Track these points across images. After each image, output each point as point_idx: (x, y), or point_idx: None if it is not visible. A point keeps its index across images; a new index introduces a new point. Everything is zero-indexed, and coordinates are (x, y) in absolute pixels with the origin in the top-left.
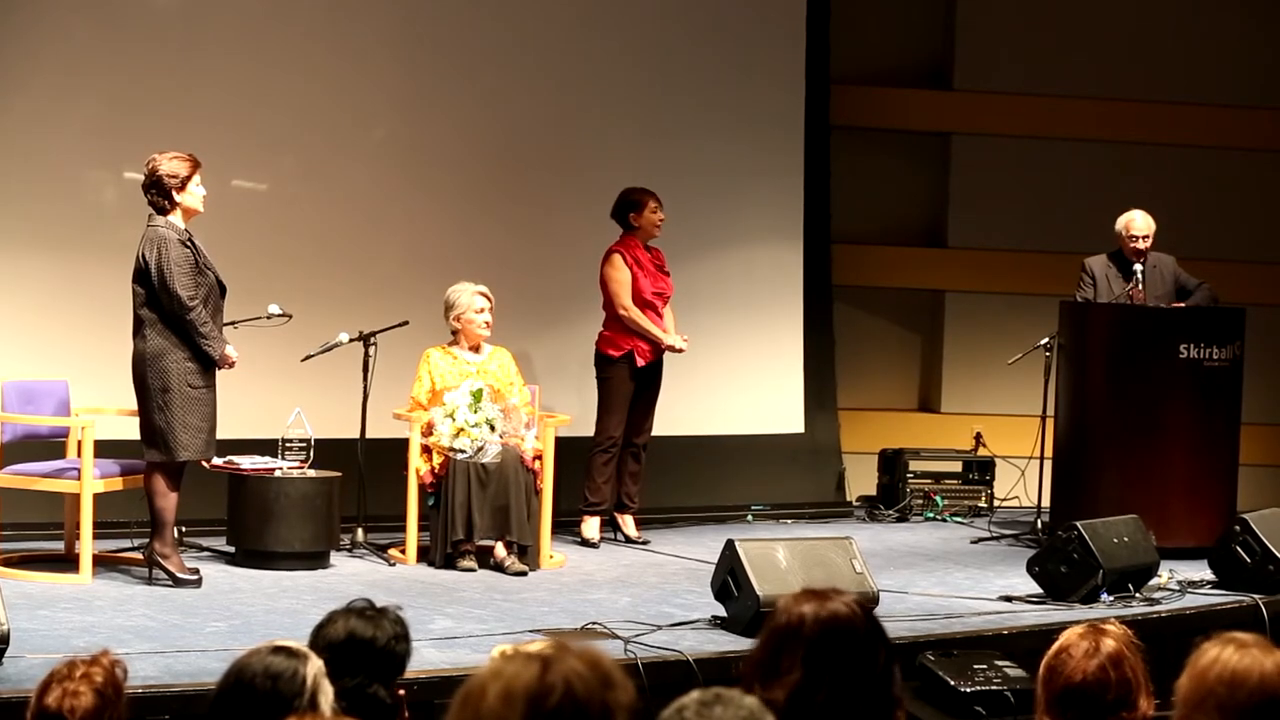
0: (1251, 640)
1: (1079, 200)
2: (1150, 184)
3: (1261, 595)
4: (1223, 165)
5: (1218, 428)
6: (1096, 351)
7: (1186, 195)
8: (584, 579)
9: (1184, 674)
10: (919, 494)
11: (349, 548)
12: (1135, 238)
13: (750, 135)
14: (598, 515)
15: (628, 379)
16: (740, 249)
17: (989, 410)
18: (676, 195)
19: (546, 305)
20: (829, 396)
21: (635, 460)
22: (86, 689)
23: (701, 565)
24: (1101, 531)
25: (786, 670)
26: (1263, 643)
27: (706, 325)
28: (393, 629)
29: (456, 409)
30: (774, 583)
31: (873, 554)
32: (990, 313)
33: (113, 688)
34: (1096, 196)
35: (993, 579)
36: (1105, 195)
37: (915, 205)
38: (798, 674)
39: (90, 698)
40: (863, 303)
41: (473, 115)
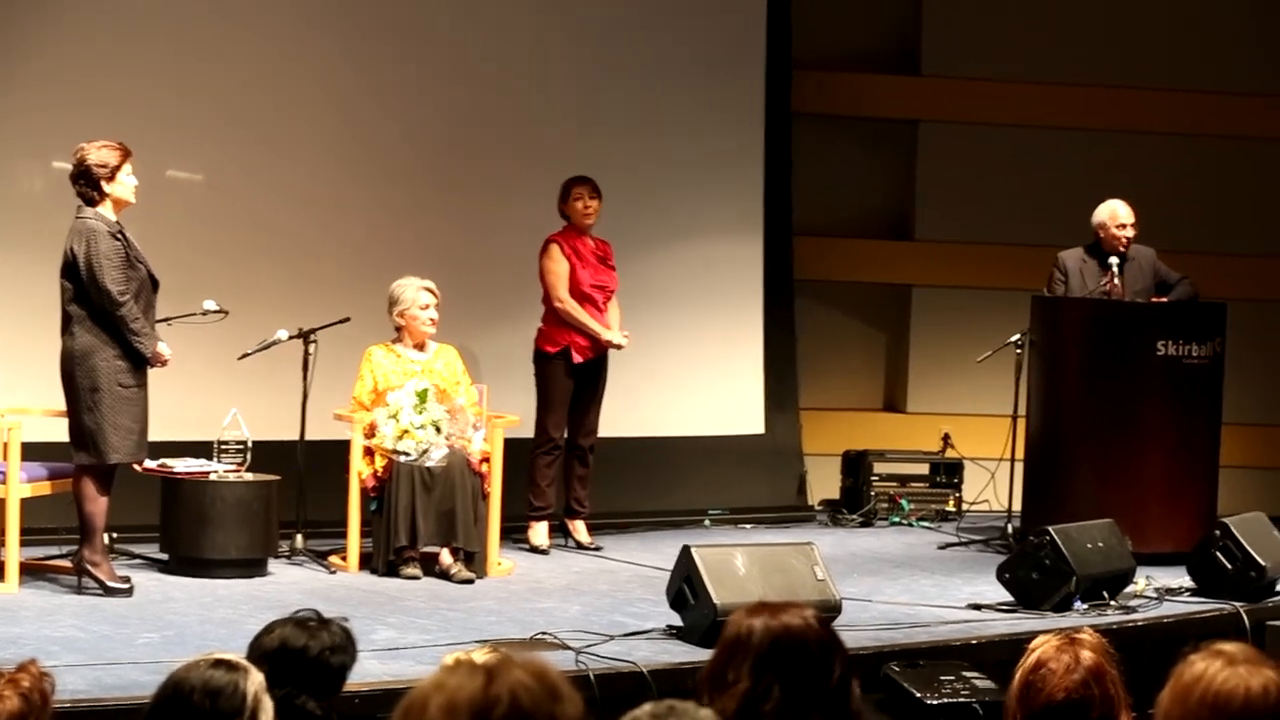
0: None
1: (1052, 191)
2: (1128, 173)
3: (1243, 603)
4: (1205, 154)
5: (1197, 428)
6: (1070, 348)
7: (1166, 185)
8: (533, 587)
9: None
10: (884, 497)
11: (288, 555)
12: (1123, 226)
13: (708, 123)
14: (545, 520)
15: (565, 376)
16: (698, 242)
17: (957, 410)
18: (630, 186)
19: (494, 301)
20: (790, 396)
21: (582, 463)
22: (12, 693)
23: (656, 572)
24: (1075, 536)
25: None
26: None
27: (662, 321)
28: (329, 640)
29: (400, 410)
30: (732, 590)
31: (835, 560)
32: (959, 308)
33: (40, 695)
34: (1071, 187)
35: (961, 586)
36: (1080, 185)
37: (881, 196)
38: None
39: (16, 702)
40: (826, 298)
41: (416, 105)
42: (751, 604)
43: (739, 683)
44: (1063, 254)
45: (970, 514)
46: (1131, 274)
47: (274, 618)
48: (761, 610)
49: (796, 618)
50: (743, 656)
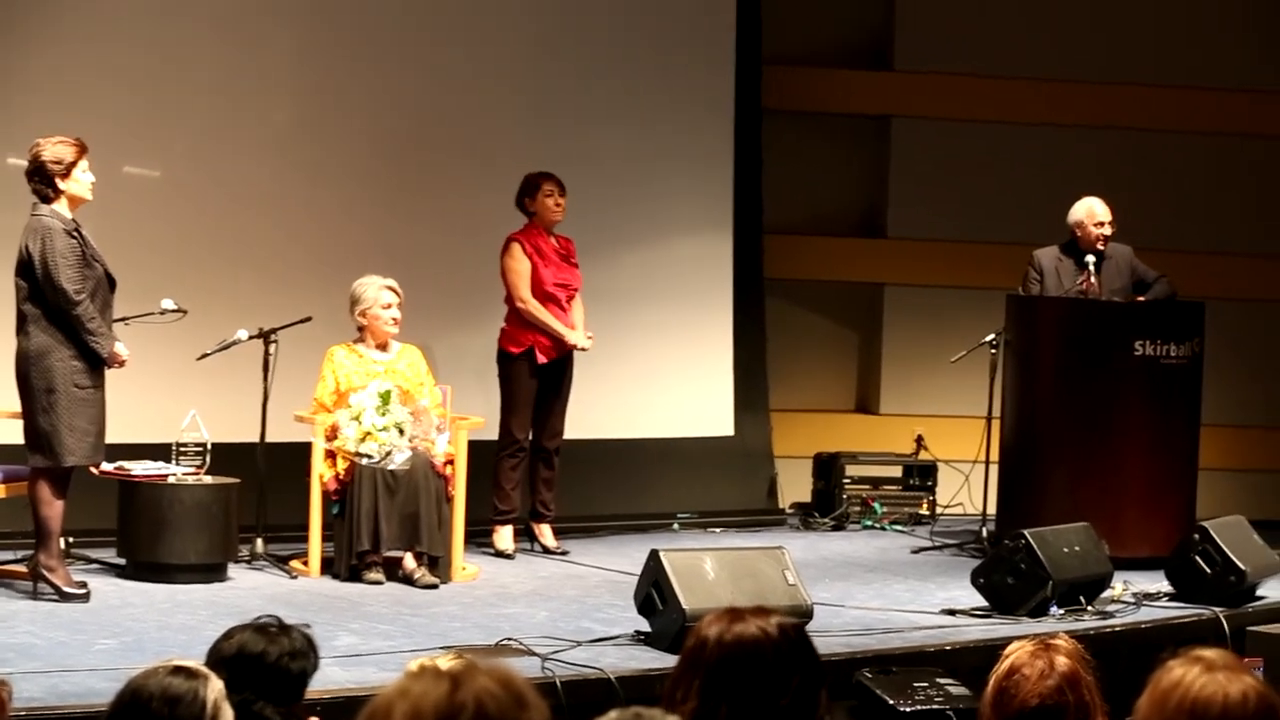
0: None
1: (1027, 188)
2: (1105, 170)
3: (1222, 608)
4: (1184, 150)
5: (1175, 429)
6: (1046, 348)
7: (1144, 182)
8: (499, 592)
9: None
10: (856, 500)
11: (248, 559)
12: (1100, 224)
13: (676, 119)
14: (510, 524)
15: (529, 377)
16: (666, 240)
17: (931, 411)
18: (597, 184)
19: (458, 300)
20: (760, 397)
21: (547, 466)
22: None
23: (624, 577)
24: (1051, 540)
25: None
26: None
27: (630, 321)
28: (290, 645)
29: (363, 411)
30: (701, 595)
31: (806, 565)
32: (932, 307)
33: None
34: (1046, 184)
35: (935, 591)
36: (1056, 182)
37: (853, 193)
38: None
39: None
40: (797, 297)
41: (377, 102)
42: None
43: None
44: (1038, 252)
45: (944, 517)
46: (1108, 272)
47: (234, 624)
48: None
49: (754, 627)
50: (694, 673)
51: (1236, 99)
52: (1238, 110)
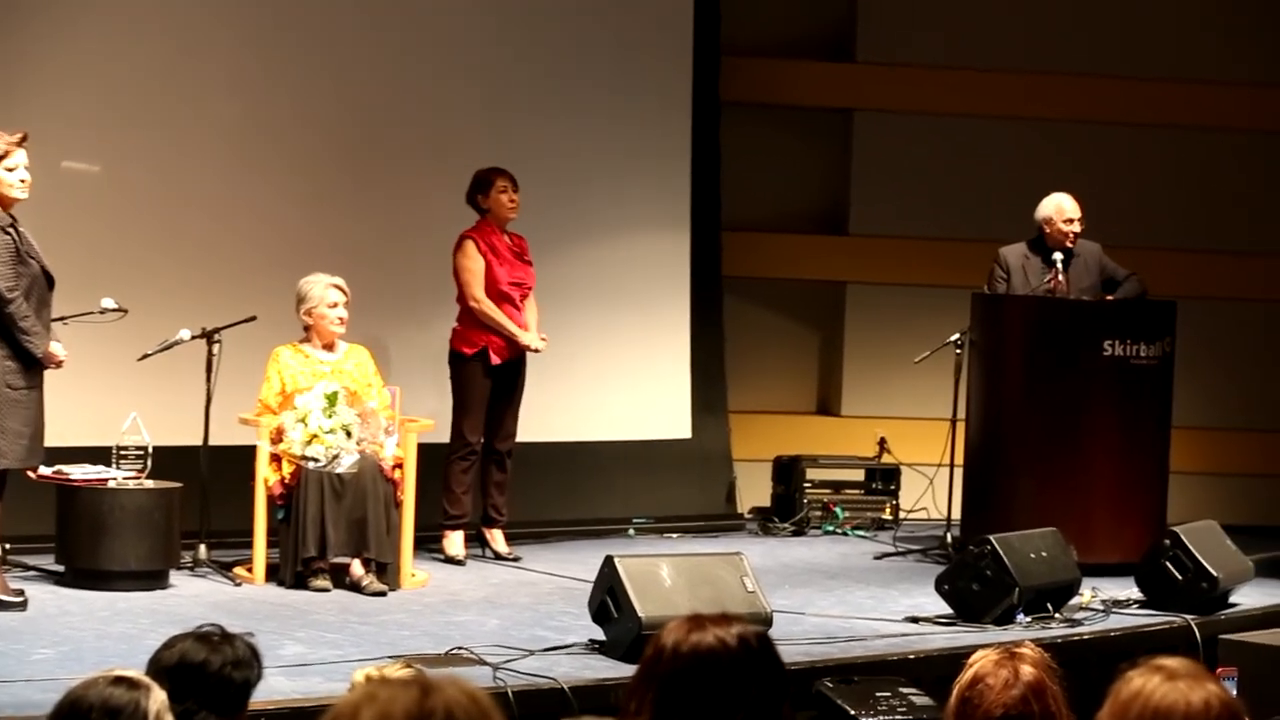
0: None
1: (994, 183)
2: (1074, 165)
3: (1194, 615)
4: (1155, 145)
5: (1145, 432)
6: (1012, 348)
7: (1114, 177)
8: (449, 599)
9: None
10: (817, 505)
11: (190, 566)
12: (1069, 220)
13: (632, 112)
14: (461, 529)
15: (483, 378)
16: (621, 237)
17: (894, 413)
18: (550, 179)
19: (407, 299)
20: (719, 399)
21: (500, 469)
22: None
23: (578, 584)
24: (1017, 546)
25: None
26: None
27: (584, 320)
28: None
29: (309, 413)
30: (657, 603)
31: (766, 571)
32: (896, 306)
33: None
34: (1013, 179)
35: (898, 598)
36: (1023, 178)
37: (814, 189)
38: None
39: None
40: (756, 295)
41: (324, 95)
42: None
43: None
44: (1004, 250)
45: (908, 522)
46: (1077, 270)
47: (176, 632)
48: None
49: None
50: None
51: (1209, 92)
52: (1211, 104)
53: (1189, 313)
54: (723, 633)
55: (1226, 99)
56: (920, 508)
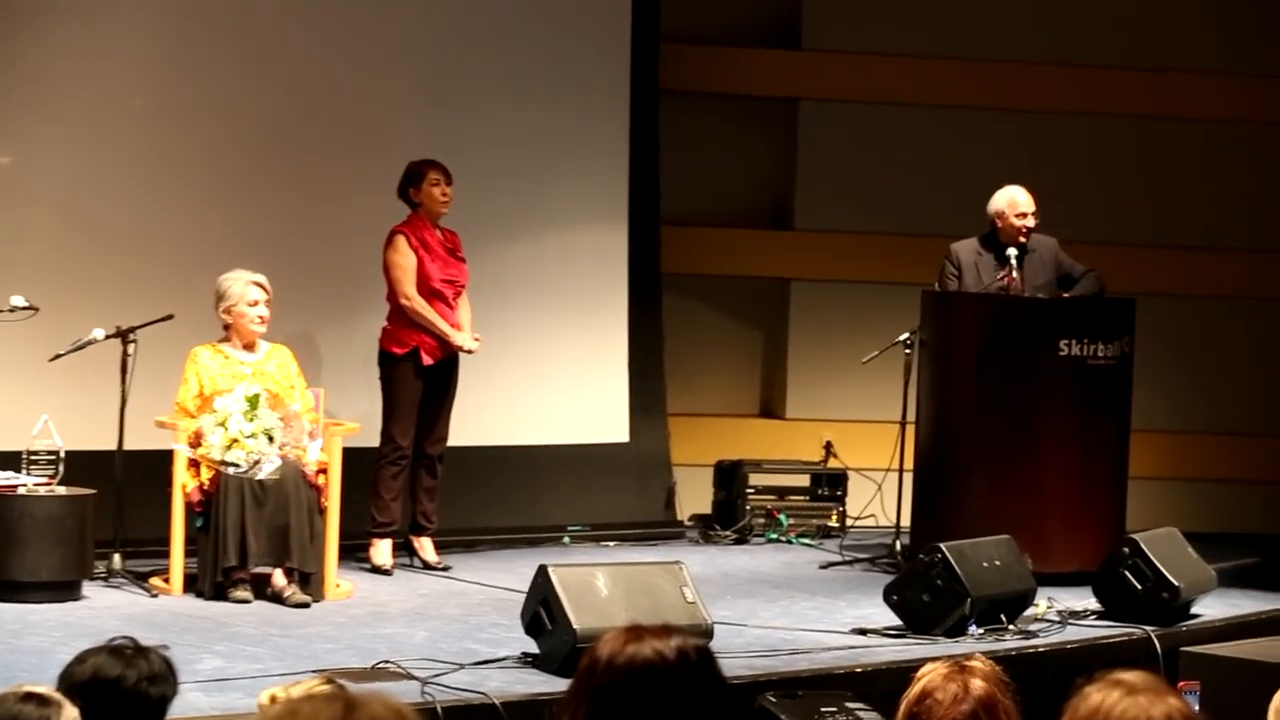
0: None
1: (946, 176)
2: (1028, 157)
3: (1154, 627)
4: (1113, 135)
5: (1103, 435)
6: (964, 348)
7: (1070, 169)
8: (375, 611)
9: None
10: (760, 512)
11: (104, 576)
12: (1023, 214)
13: (567, 102)
14: (389, 537)
15: (414, 379)
16: (556, 232)
17: (841, 416)
18: (481, 172)
19: (333, 297)
20: (657, 400)
21: (430, 474)
22: None
23: (510, 595)
24: (969, 554)
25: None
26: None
27: (517, 319)
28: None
29: (229, 417)
30: (593, 614)
31: (706, 581)
32: (843, 304)
33: None
34: (966, 171)
35: (845, 609)
36: (976, 170)
37: (757, 181)
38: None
39: None
40: (697, 293)
41: (245, 85)
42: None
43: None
44: (956, 245)
45: (855, 530)
46: (1031, 267)
47: (88, 646)
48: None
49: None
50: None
51: (1171, 81)
52: (1173, 93)
53: (1149, 310)
54: (661, 645)
55: (1189, 88)
56: (868, 514)
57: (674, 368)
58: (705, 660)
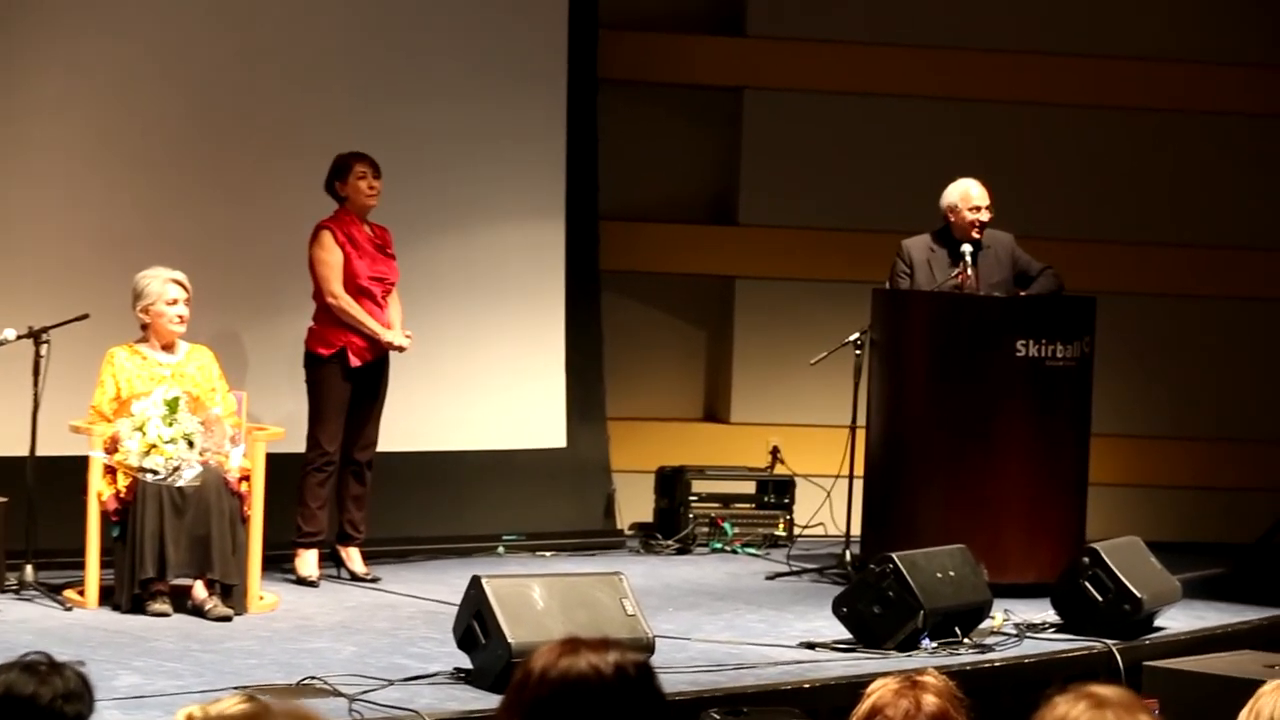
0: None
1: (897, 169)
2: (984, 149)
3: (1115, 640)
4: (1073, 126)
5: (1062, 440)
6: (917, 349)
7: (1029, 162)
8: (300, 624)
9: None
10: (704, 520)
11: (16, 589)
12: (977, 208)
13: (501, 92)
14: (315, 547)
15: (341, 381)
16: (489, 228)
17: (788, 420)
18: (411, 165)
19: (256, 295)
20: (596, 404)
21: (358, 481)
22: None
23: (442, 607)
24: (922, 565)
25: None
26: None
27: (448, 319)
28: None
29: (147, 421)
30: (529, 628)
31: (648, 592)
32: (790, 303)
33: None
34: (919, 164)
35: (792, 622)
36: (929, 162)
37: (701, 174)
38: None
39: None
40: (637, 291)
41: (163, 73)
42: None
43: None
44: (908, 241)
45: (803, 539)
46: (987, 264)
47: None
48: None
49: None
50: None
51: (1135, 69)
52: (1137, 82)
53: (1110, 310)
54: (598, 659)
55: (1152, 76)
56: (816, 523)
57: (614, 369)
58: (644, 676)
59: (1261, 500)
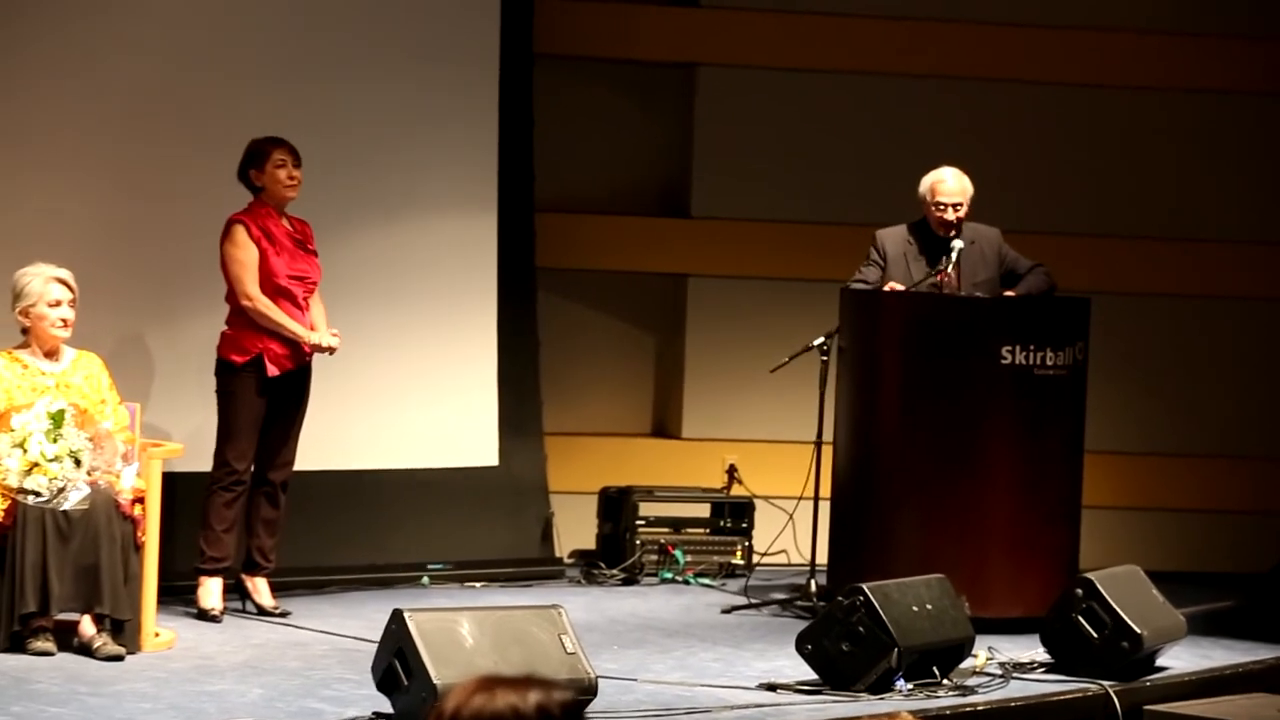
0: None
1: (870, 155)
2: (968, 132)
3: (1112, 682)
4: (1069, 108)
5: (1053, 458)
6: (890, 356)
7: (1019, 147)
8: (201, 664)
9: None
10: (652, 547)
11: None
12: (943, 205)
13: (428, 70)
14: (220, 576)
15: (256, 393)
16: (414, 221)
17: (746, 435)
18: (329, 153)
19: (156, 296)
20: (532, 418)
21: (271, 504)
22: None
23: (360, 645)
24: (896, 597)
25: None
26: None
27: (367, 323)
28: None
29: (28, 437)
30: (457, 667)
31: (590, 628)
32: (749, 304)
33: None
34: (895, 149)
35: (751, 661)
36: (907, 147)
37: (649, 161)
38: None
39: None
40: (578, 291)
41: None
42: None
43: None
44: (882, 233)
45: (763, 568)
46: (970, 261)
47: None
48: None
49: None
50: None
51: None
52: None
53: (1106, 312)
54: (517, 699)
55: (1152, 52)
56: (778, 550)
57: (552, 379)
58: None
59: (1275, 525)
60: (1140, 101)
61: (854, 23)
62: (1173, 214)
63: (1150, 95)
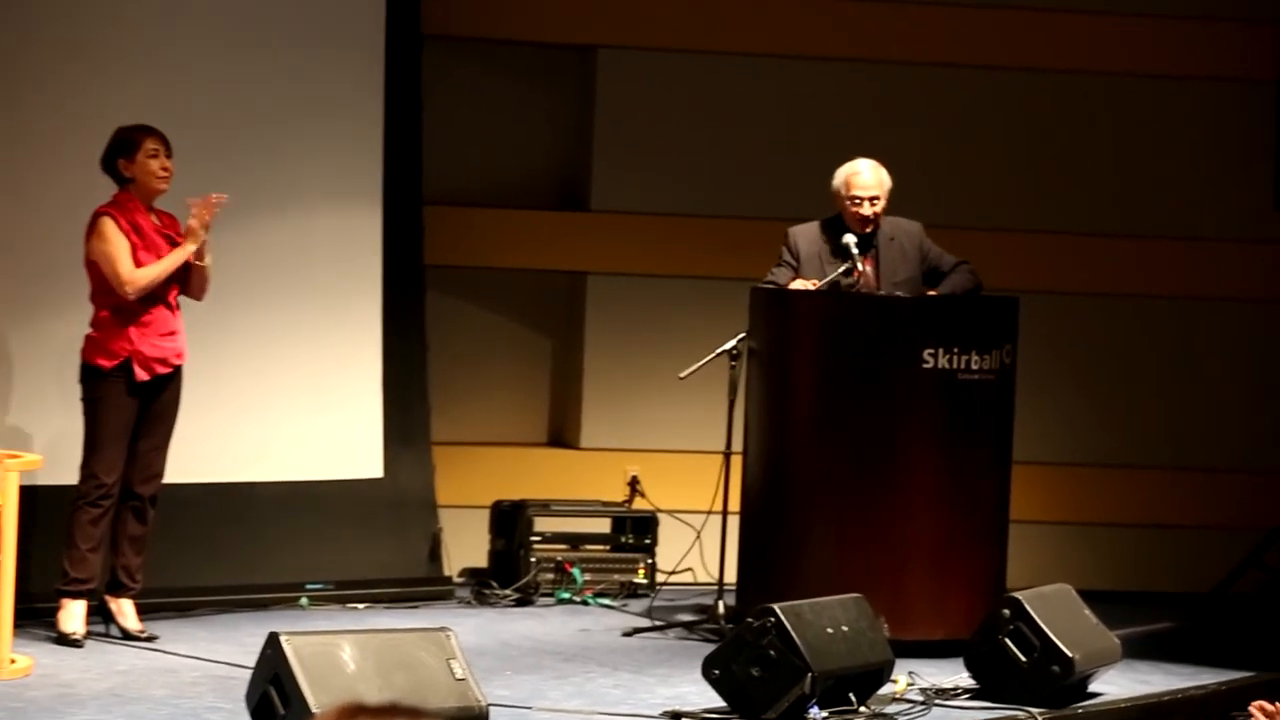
0: None
1: (785, 144)
2: (891, 121)
3: (1041, 709)
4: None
5: (978, 468)
6: (803, 360)
7: (941, 137)
8: (61, 693)
9: None
10: (548, 565)
11: None
12: (858, 199)
13: (306, 52)
14: (83, 598)
15: (125, 399)
16: (292, 215)
17: (649, 445)
18: (199, 141)
19: (21, 297)
20: (419, 426)
21: (139, 519)
22: None
23: (233, 671)
24: (810, 619)
25: None
26: None
27: (243, 326)
28: None
29: None
30: (337, 694)
31: (480, 652)
32: (652, 304)
33: None
34: (811, 138)
35: (654, 687)
36: (824, 137)
37: (545, 150)
38: None
39: None
40: (469, 290)
41: None
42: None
43: None
44: (795, 230)
45: (668, 588)
46: (890, 258)
47: None
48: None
49: None
50: None
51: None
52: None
53: (1037, 312)
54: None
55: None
56: (684, 568)
57: (441, 385)
58: None
59: (1218, 541)
60: (1077, 86)
61: (765, 2)
62: (1112, 208)
63: (1088, 80)
